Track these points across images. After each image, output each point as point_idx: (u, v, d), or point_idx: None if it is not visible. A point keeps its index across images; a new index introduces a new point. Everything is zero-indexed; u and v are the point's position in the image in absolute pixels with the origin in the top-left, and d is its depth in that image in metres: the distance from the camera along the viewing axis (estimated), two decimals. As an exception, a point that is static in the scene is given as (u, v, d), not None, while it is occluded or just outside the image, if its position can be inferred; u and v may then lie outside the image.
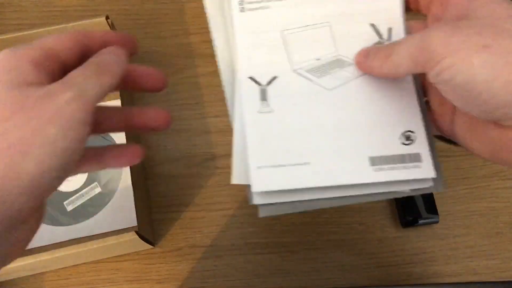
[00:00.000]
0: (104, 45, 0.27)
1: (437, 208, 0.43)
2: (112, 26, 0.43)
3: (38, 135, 0.21)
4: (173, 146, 0.47)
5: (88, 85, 0.23)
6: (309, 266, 0.43)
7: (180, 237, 0.44)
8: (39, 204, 0.22)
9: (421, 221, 0.43)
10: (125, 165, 0.29)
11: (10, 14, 0.45)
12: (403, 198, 0.43)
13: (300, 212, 0.44)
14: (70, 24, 0.42)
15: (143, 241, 0.39)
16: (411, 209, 0.43)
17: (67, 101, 0.22)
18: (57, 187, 0.22)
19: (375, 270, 0.43)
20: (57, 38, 0.25)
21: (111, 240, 0.37)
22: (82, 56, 0.26)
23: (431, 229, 0.44)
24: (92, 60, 0.25)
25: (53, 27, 0.42)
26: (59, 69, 0.25)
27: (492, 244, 0.44)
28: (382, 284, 0.43)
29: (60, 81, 0.23)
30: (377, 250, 0.44)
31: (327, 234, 0.44)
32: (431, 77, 0.23)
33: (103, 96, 0.24)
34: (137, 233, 0.37)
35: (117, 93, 0.40)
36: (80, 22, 0.42)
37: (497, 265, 0.43)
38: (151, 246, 0.43)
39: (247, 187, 0.27)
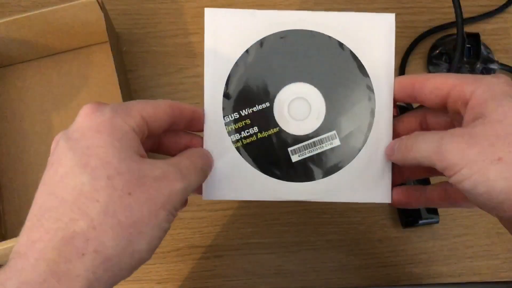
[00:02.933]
0: (190, 120, 0.29)
1: (437, 208, 0.43)
2: (102, 7, 0.43)
3: (153, 216, 0.23)
4: (173, 146, 0.46)
5: (193, 182, 0.26)
6: (309, 266, 0.43)
7: (179, 237, 0.44)
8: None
9: (421, 221, 0.43)
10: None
11: (10, 14, 0.45)
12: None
13: (300, 212, 0.45)
14: (60, 6, 0.41)
15: None
16: (411, 209, 0.43)
17: (178, 190, 0.24)
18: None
19: (375, 270, 0.43)
20: (155, 108, 0.26)
21: None
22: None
23: (431, 229, 0.44)
24: (200, 159, 0.28)
25: (46, 9, 0.41)
26: (144, 139, 0.26)
27: (492, 244, 0.44)
28: (382, 284, 0.43)
29: (173, 165, 0.25)
30: (377, 250, 0.44)
31: (327, 234, 0.44)
32: (452, 182, 0.24)
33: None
34: None
35: (118, 89, 0.40)
36: (70, 4, 0.41)
37: (497, 265, 0.43)
38: None
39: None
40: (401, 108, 0.46)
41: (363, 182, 0.30)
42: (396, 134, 0.31)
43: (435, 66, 0.48)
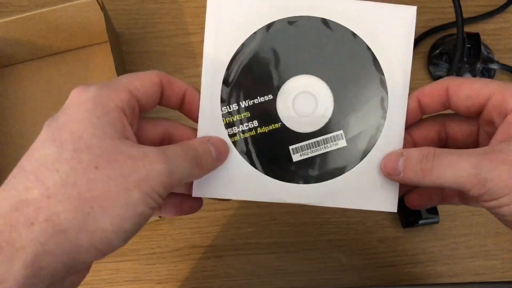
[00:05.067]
0: (182, 98, 0.27)
1: (437, 208, 0.43)
2: (102, 7, 0.43)
3: (123, 194, 0.21)
4: (173, 146, 0.46)
5: (181, 168, 0.23)
6: (309, 266, 0.43)
7: (179, 237, 0.44)
8: (101, 258, 0.22)
9: (421, 221, 0.43)
10: (185, 214, 0.29)
11: (10, 14, 0.45)
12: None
13: (300, 212, 0.45)
14: (60, 6, 0.42)
15: None
16: (412, 209, 0.43)
17: (159, 172, 0.22)
18: (121, 247, 0.22)
19: (375, 270, 0.43)
20: (142, 79, 0.25)
21: None
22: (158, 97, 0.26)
23: (432, 229, 0.44)
24: (197, 147, 0.25)
25: (46, 9, 0.41)
26: (137, 114, 0.25)
27: (492, 245, 0.44)
28: (383, 284, 0.43)
29: (158, 149, 0.23)
30: (377, 250, 0.43)
31: (327, 234, 0.44)
32: (486, 206, 0.24)
33: (181, 183, 0.24)
34: None
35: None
36: (70, 4, 0.42)
37: (497, 265, 0.43)
38: (157, 217, 0.43)
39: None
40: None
41: (368, 188, 0.28)
42: (409, 142, 0.29)
43: (435, 66, 0.48)
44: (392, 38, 0.28)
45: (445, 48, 0.48)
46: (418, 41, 0.50)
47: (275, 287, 0.43)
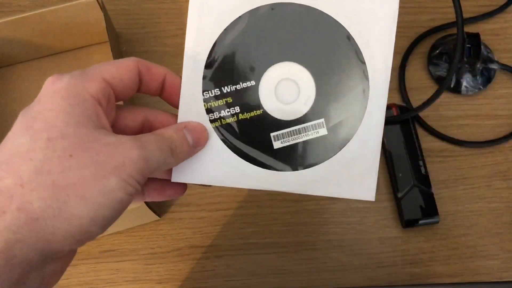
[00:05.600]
0: (162, 83, 0.27)
1: (437, 209, 0.43)
2: (102, 7, 0.43)
3: (99, 181, 0.21)
4: (173, 146, 0.46)
5: (156, 156, 0.23)
6: (309, 266, 0.43)
7: (180, 237, 0.44)
8: (80, 246, 0.22)
9: (421, 221, 0.43)
10: (169, 198, 0.29)
11: (10, 14, 0.45)
12: (404, 198, 0.43)
13: (300, 212, 0.45)
14: (60, 6, 0.42)
15: (150, 211, 0.39)
16: (412, 209, 0.43)
17: (135, 158, 0.22)
18: (100, 235, 0.22)
19: (375, 270, 0.43)
20: (118, 67, 0.24)
21: None
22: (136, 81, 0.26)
23: (432, 230, 0.44)
24: (171, 135, 0.25)
25: (46, 9, 0.42)
26: (112, 103, 0.24)
27: (492, 245, 0.44)
28: (383, 284, 0.43)
29: (133, 137, 0.23)
30: (377, 250, 0.44)
31: (327, 234, 0.44)
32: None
33: (158, 170, 0.24)
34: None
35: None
36: (70, 4, 0.42)
37: (497, 266, 0.43)
38: (157, 217, 0.43)
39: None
40: (401, 108, 0.46)
41: (347, 176, 0.28)
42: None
43: (435, 66, 0.48)
44: (374, 28, 0.28)
45: (445, 48, 0.48)
46: (418, 41, 0.50)
47: (275, 287, 0.43)
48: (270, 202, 0.45)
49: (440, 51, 0.48)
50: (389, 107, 0.46)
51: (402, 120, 0.46)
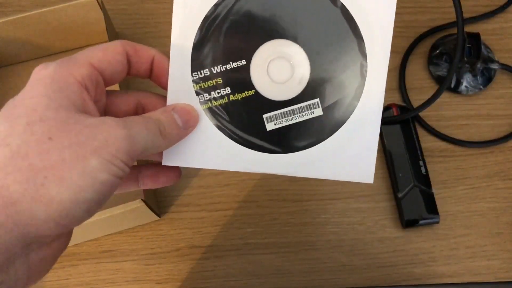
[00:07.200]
0: (150, 65, 0.26)
1: (438, 209, 0.43)
2: (102, 7, 0.43)
3: (79, 163, 0.20)
4: (173, 146, 0.46)
5: (142, 136, 0.22)
6: (309, 266, 0.43)
7: (179, 237, 0.44)
8: (65, 232, 0.21)
9: (421, 221, 0.43)
10: (163, 185, 0.28)
11: (10, 14, 0.45)
12: (404, 198, 0.43)
13: (300, 212, 0.45)
14: (60, 6, 0.42)
15: (149, 210, 0.39)
16: (412, 209, 0.43)
17: (118, 137, 0.21)
18: (86, 219, 0.21)
19: (375, 271, 0.43)
20: (105, 50, 0.24)
21: (118, 210, 0.37)
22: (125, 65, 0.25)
23: (432, 230, 0.44)
24: (159, 117, 0.24)
25: (46, 9, 0.42)
26: (101, 88, 0.24)
27: (492, 245, 0.44)
28: (383, 284, 0.43)
29: (117, 118, 0.22)
30: (377, 250, 0.43)
31: (327, 234, 0.44)
32: None
33: (147, 152, 0.23)
34: (143, 201, 0.37)
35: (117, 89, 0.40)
36: (70, 4, 0.42)
37: (497, 266, 0.43)
38: (157, 217, 0.43)
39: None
40: (401, 108, 0.46)
41: (344, 158, 0.27)
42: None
43: (435, 66, 0.48)
44: (373, 1, 0.26)
45: (445, 48, 0.48)
46: (418, 41, 0.50)
47: (275, 287, 0.43)
48: (270, 202, 0.45)
49: (440, 51, 0.48)
50: (389, 107, 0.46)
51: (402, 120, 0.46)
